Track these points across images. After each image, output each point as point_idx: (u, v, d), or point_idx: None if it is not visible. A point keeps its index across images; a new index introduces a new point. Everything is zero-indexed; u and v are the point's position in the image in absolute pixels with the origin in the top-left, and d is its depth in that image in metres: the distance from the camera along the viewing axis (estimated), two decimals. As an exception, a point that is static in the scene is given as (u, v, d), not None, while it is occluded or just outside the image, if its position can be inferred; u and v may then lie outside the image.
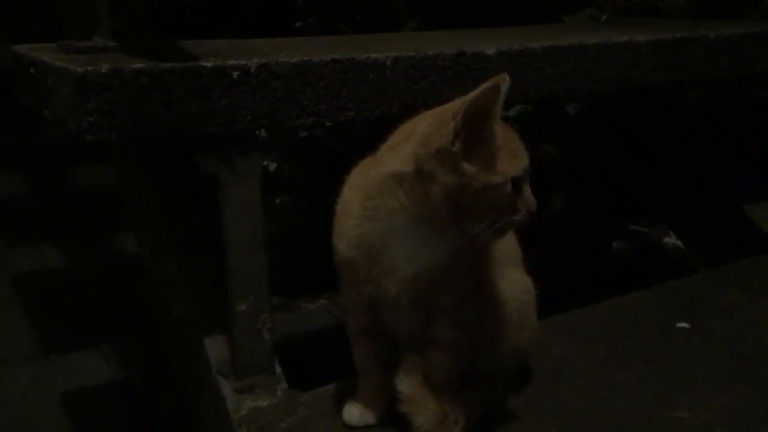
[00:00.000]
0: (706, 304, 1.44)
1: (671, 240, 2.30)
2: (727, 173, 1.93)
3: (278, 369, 1.17)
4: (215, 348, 1.17)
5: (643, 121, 1.97)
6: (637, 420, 1.09)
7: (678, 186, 1.94)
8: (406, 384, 1.00)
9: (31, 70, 1.09)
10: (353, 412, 1.07)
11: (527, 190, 0.94)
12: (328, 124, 1.10)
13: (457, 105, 0.90)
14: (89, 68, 0.93)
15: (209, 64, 1.01)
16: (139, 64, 0.97)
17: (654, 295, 1.49)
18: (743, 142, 2.04)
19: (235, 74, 1.03)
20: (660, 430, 1.07)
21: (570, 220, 2.15)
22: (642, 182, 2.04)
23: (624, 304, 1.45)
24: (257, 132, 1.08)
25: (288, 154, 2.29)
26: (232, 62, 1.03)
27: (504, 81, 0.89)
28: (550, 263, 1.18)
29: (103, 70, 0.94)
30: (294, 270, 2.09)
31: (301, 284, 2.19)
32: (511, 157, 0.92)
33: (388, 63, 1.13)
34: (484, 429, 1.06)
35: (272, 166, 2.29)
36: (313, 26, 2.14)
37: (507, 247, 1.09)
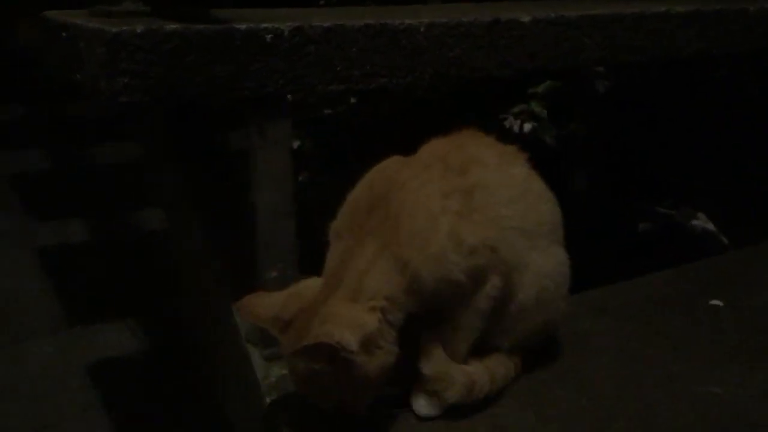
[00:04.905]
0: (739, 282, 1.42)
1: (699, 223, 2.27)
2: (758, 152, 1.89)
3: (306, 338, 1.16)
4: (243, 316, 1.17)
5: (672, 99, 1.93)
6: (668, 395, 1.07)
7: (708, 165, 1.91)
8: (430, 367, 0.99)
9: (63, 34, 1.08)
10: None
11: None
12: (359, 88, 1.09)
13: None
14: (123, 28, 0.93)
15: (242, 27, 1.00)
16: (172, 26, 0.96)
17: (685, 273, 1.46)
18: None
19: (268, 37, 1.01)
20: (692, 406, 1.05)
21: (595, 200, 2.12)
22: (671, 162, 2.01)
23: (654, 281, 1.43)
24: (288, 97, 1.07)
25: (311, 132, 2.28)
26: (265, 25, 1.02)
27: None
28: (575, 245, 1.16)
29: (138, 31, 0.93)
30: (316, 246, 2.08)
31: (323, 261, 2.19)
32: None
33: (422, 29, 1.11)
34: (512, 400, 1.05)
35: (295, 144, 2.29)
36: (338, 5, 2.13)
37: (546, 221, 1.07)
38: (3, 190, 2.40)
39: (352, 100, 2.25)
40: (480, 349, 1.04)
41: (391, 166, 1.03)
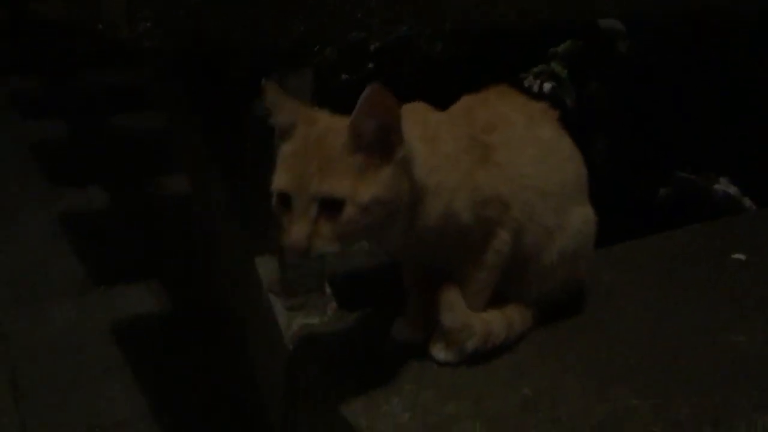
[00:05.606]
0: (762, 237, 1.40)
1: (721, 187, 2.24)
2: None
3: (328, 289, 1.17)
4: (266, 267, 1.18)
5: (693, 61, 1.90)
6: (689, 344, 1.07)
7: (730, 129, 1.88)
8: (451, 319, 1.00)
9: (84, -17, 1.09)
10: (402, 330, 1.07)
11: (292, 223, 0.84)
12: (378, 38, 1.08)
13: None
14: (144, -28, 0.93)
15: (263, -28, 1.00)
16: (193, -30, 0.96)
17: (708, 228, 1.45)
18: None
19: (288, -17, 1.01)
20: (714, 353, 1.05)
21: (615, 164, 2.10)
22: (693, 126, 1.98)
23: (677, 236, 1.41)
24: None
25: (328, 98, 2.27)
26: (285, -29, 1.01)
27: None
28: (594, 208, 1.15)
29: (158, -25, 0.93)
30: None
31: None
32: (284, 169, 0.86)
33: (442, -25, 1.10)
34: (534, 347, 1.05)
35: (313, 110, 2.27)
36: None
37: (571, 182, 1.07)
38: (25, 157, 2.42)
39: (370, 65, 2.23)
40: (499, 299, 1.05)
41: (417, 107, 1.01)
